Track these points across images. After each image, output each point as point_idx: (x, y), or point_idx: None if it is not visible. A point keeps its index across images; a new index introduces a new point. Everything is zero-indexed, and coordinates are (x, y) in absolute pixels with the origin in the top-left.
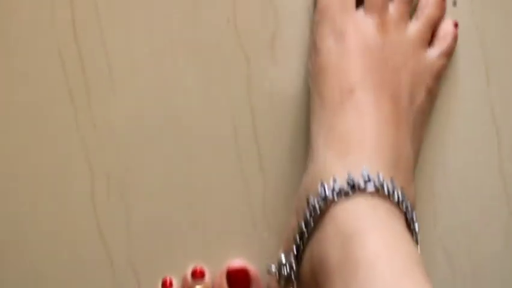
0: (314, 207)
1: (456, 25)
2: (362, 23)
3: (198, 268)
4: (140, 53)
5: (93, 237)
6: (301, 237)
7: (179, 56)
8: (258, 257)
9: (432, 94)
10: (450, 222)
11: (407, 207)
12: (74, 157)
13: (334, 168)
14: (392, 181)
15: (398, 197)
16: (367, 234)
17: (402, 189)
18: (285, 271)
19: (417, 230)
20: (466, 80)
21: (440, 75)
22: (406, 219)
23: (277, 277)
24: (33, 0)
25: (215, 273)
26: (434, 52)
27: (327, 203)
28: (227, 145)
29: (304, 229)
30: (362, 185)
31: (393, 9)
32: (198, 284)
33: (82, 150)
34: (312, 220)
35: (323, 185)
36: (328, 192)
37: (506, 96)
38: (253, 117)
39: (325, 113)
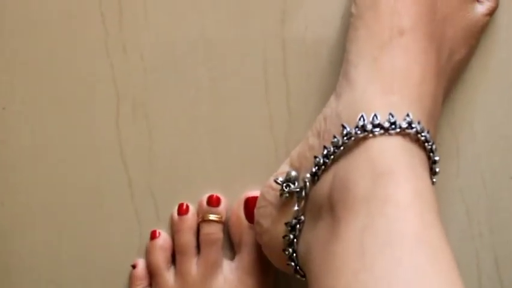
0: (349, 134)
1: None
2: None
3: (214, 195)
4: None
5: (115, 159)
6: (326, 158)
7: None
8: None
9: (472, 49)
10: (472, 179)
11: (435, 160)
12: (101, 79)
13: (376, 103)
14: (428, 132)
15: (431, 148)
16: (401, 176)
17: (433, 141)
18: (296, 186)
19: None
20: (502, 35)
21: (482, 31)
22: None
23: (281, 190)
24: None
25: (232, 204)
26: (481, 9)
27: (365, 133)
28: (256, 78)
29: (332, 151)
30: (404, 126)
31: None
32: (212, 212)
33: (109, 72)
34: (344, 146)
35: (363, 116)
36: (368, 125)
37: None
38: (285, 53)
39: (371, 45)
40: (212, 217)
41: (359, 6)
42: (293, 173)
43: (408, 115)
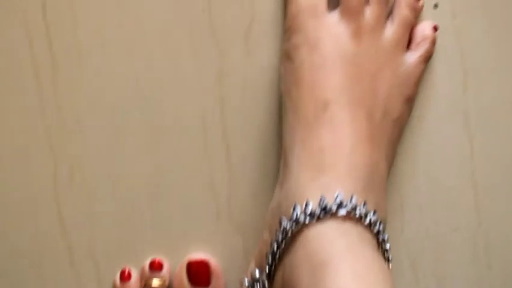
0: (286, 230)
1: (435, 28)
2: (336, 29)
3: (157, 260)
4: (111, 37)
5: (54, 225)
6: (273, 258)
7: (151, 42)
8: (220, 252)
9: (411, 102)
10: (417, 231)
11: (378, 231)
12: (37, 141)
13: (308, 190)
14: (364, 204)
15: (370, 220)
16: (337, 263)
17: (375, 210)
18: (259, 286)
19: (388, 249)
20: (441, 85)
21: (418, 82)
22: (378, 239)
23: None
24: None
25: (175, 267)
26: (412, 57)
27: (299, 226)
28: (195, 136)
29: (275, 250)
30: (334, 209)
31: (369, 12)
32: (155, 276)
33: (45, 134)
34: (283, 242)
35: (295, 208)
36: (300, 216)
37: (482, 104)
38: (223, 110)
39: (299, 127)
40: (155, 283)
41: (285, 83)
42: (256, 273)
43: (338, 196)
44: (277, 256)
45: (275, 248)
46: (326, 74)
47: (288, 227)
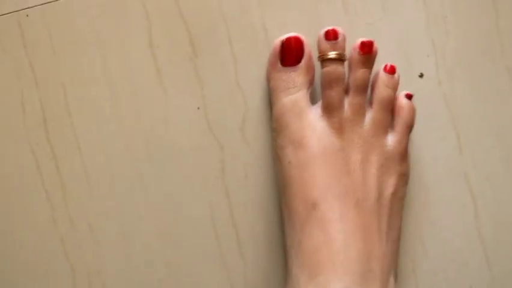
0: None
1: (409, 96)
2: (319, 126)
3: None
4: (114, 152)
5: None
6: None
7: (151, 147)
8: None
9: (405, 176)
10: None
11: None
12: (53, 254)
13: None
14: None
15: None
16: None
17: None
18: None
19: None
20: (437, 150)
21: (406, 155)
22: None
23: None
24: (3, 103)
25: None
26: (396, 135)
27: None
28: (206, 231)
29: None
30: None
31: (348, 104)
32: None
33: (60, 246)
34: None
35: None
36: None
37: (480, 163)
38: (230, 200)
39: (293, 227)
40: None
41: (278, 182)
42: None
43: None
44: None
45: None
46: (312, 172)
47: None
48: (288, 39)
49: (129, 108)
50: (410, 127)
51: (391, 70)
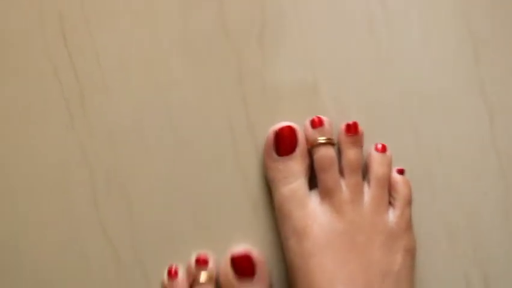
0: None
1: (401, 171)
2: (320, 212)
3: (201, 256)
4: (131, 56)
5: (97, 233)
6: None
7: (170, 56)
8: (260, 242)
9: (411, 250)
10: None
11: None
12: (73, 161)
13: None
14: None
15: None
16: None
17: None
18: None
19: None
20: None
21: (410, 228)
22: None
23: None
24: (22, 11)
25: (220, 259)
26: (396, 211)
27: None
28: (223, 137)
29: None
30: None
31: (345, 185)
32: (202, 271)
33: (80, 154)
34: None
35: None
36: None
37: None
38: (247, 107)
39: None
40: (203, 277)
41: (288, 269)
42: None
43: None
44: None
45: None
46: (318, 261)
47: None
48: (281, 129)
49: (147, 19)
50: (409, 201)
51: (383, 149)
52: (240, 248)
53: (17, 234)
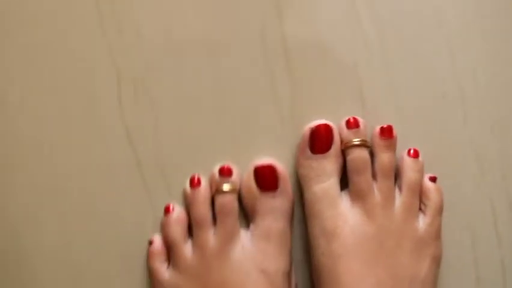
0: None
1: (434, 179)
2: (351, 215)
3: (226, 166)
4: None
5: (121, 141)
6: None
7: None
8: (285, 156)
9: (437, 258)
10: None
11: None
12: (100, 60)
13: None
14: None
15: None
16: None
17: None
18: None
19: None
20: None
21: (439, 237)
22: None
23: None
24: None
25: (243, 173)
26: (427, 218)
27: None
28: (254, 47)
29: None
30: None
31: (378, 189)
32: (225, 182)
33: (107, 53)
34: None
35: None
36: None
37: None
38: (280, 19)
39: None
40: (226, 188)
41: (314, 273)
42: None
43: None
44: None
45: None
46: (346, 264)
47: None
48: (318, 127)
49: None
50: (440, 209)
51: (415, 154)
52: (264, 160)
53: (42, 131)
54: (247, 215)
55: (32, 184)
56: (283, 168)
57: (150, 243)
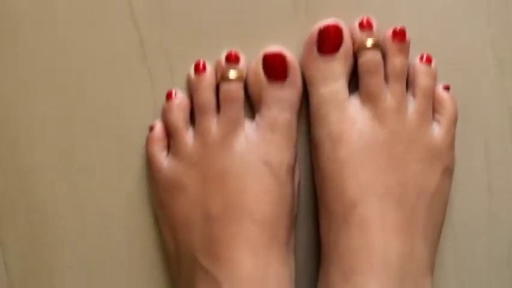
0: None
1: (447, 88)
2: (359, 117)
3: (233, 52)
4: None
5: (125, 18)
6: None
7: None
8: (297, 47)
9: (449, 169)
10: None
11: None
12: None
13: None
14: None
15: None
16: None
17: None
18: None
19: None
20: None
21: (453, 148)
22: None
23: None
24: None
25: (251, 62)
26: (443, 127)
27: None
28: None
29: None
30: None
31: (390, 92)
32: (231, 69)
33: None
34: None
35: None
36: None
37: None
38: None
39: (330, 225)
40: (232, 75)
41: (315, 176)
42: None
43: None
44: None
45: None
46: (352, 170)
47: None
48: (326, 27)
49: None
50: (455, 118)
51: (428, 60)
52: (274, 47)
53: (46, 6)
54: (252, 106)
55: (31, 58)
56: (293, 57)
57: (150, 129)
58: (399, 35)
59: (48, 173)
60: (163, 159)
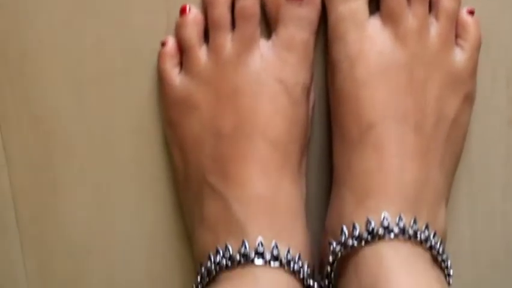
0: (335, 252)
1: (472, 12)
2: (379, 37)
3: None
4: None
5: None
6: (328, 275)
7: None
8: None
9: (470, 97)
10: None
11: (431, 245)
12: None
13: (354, 213)
14: (415, 221)
15: (421, 238)
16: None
17: (427, 225)
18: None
19: (446, 263)
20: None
21: (475, 74)
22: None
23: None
24: None
25: None
26: (466, 52)
27: (348, 250)
28: None
29: (329, 271)
30: (381, 232)
31: (412, 12)
32: None
33: None
34: (335, 264)
35: (343, 231)
36: (348, 239)
37: None
38: None
39: (344, 147)
40: None
41: (331, 97)
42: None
43: (384, 218)
44: (332, 276)
45: (328, 269)
46: (369, 91)
47: (337, 250)
48: None
49: None
50: (478, 44)
51: None
52: None
53: None
54: (269, 25)
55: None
56: None
57: (163, 44)
58: None
59: (56, 84)
60: (175, 76)
